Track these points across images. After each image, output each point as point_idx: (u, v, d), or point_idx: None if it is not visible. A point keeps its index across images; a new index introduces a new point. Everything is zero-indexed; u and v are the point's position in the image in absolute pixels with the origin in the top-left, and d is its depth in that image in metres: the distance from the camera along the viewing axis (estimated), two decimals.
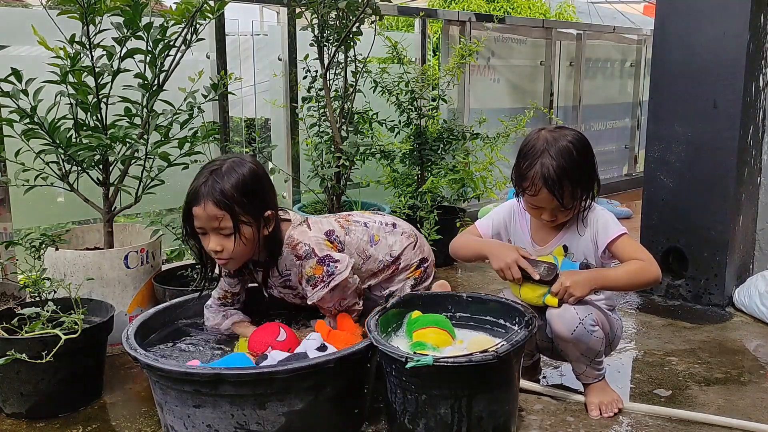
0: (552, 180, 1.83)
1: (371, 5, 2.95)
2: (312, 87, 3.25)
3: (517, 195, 1.99)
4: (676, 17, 2.81)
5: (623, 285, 1.97)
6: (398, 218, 2.24)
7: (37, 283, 2.12)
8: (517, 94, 5.09)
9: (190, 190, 1.80)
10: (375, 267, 2.07)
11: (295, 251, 1.91)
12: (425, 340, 1.76)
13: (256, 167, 1.86)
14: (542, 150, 1.87)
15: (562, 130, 1.94)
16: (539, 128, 1.96)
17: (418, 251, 2.15)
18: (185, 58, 2.40)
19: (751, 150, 2.84)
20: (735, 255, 2.84)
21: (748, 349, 2.44)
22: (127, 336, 1.74)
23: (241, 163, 1.83)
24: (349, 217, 2.13)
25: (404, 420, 1.68)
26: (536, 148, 1.88)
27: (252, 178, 1.82)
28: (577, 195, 1.89)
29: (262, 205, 1.84)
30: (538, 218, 1.96)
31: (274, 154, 3.42)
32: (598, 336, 1.86)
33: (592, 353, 1.89)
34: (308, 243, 1.91)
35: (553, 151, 1.85)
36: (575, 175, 1.86)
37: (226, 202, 1.76)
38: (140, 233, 2.59)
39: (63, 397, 1.95)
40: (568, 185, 1.85)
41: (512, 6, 9.75)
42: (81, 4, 2.14)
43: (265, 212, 1.84)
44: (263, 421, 1.60)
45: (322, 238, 1.96)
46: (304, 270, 1.91)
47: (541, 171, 1.84)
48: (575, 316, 1.84)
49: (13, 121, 2.19)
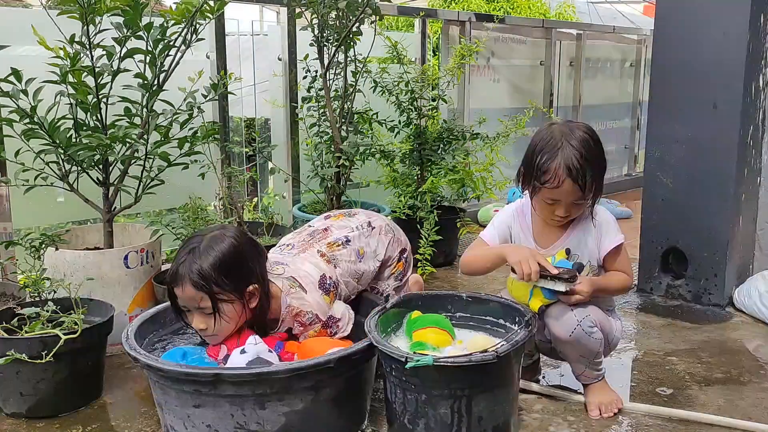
0: (576, 169, 1.82)
1: (371, 5, 2.95)
2: (312, 87, 3.25)
3: (531, 191, 1.93)
4: (676, 17, 2.81)
5: (609, 294, 2.03)
6: (370, 212, 2.26)
7: (37, 283, 2.12)
8: (517, 94, 5.09)
9: (171, 271, 1.77)
10: (368, 276, 2.10)
11: (299, 320, 1.88)
12: (425, 340, 1.76)
13: (236, 241, 1.79)
14: (561, 141, 1.85)
15: (573, 122, 1.95)
16: (548, 123, 1.96)
17: (396, 244, 2.17)
18: (185, 58, 2.40)
19: (751, 150, 2.84)
20: (735, 255, 2.84)
21: (748, 349, 2.44)
22: (127, 336, 1.74)
23: (220, 239, 1.77)
24: (328, 235, 2.08)
25: (404, 420, 1.68)
26: (554, 140, 1.86)
27: (231, 255, 1.76)
28: (594, 187, 1.88)
29: (244, 282, 1.78)
30: (549, 216, 1.93)
31: (274, 154, 3.43)
32: (596, 337, 1.86)
33: (591, 354, 1.89)
34: (310, 310, 1.88)
35: (574, 142, 1.85)
36: (595, 165, 1.86)
37: (203, 283, 1.71)
38: (140, 233, 2.59)
39: (63, 397, 1.95)
40: (590, 175, 1.84)
41: (512, 6, 9.75)
42: (81, 4, 2.14)
43: (247, 287, 1.78)
44: (263, 421, 1.60)
45: (320, 296, 1.92)
46: (307, 333, 1.90)
47: (564, 161, 1.83)
48: (573, 318, 1.84)
49: (13, 121, 2.19)
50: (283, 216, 3.44)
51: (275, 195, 3.72)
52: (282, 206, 3.63)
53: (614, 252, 1.96)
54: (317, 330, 1.89)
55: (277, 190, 3.80)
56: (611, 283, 1.96)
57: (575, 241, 1.96)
